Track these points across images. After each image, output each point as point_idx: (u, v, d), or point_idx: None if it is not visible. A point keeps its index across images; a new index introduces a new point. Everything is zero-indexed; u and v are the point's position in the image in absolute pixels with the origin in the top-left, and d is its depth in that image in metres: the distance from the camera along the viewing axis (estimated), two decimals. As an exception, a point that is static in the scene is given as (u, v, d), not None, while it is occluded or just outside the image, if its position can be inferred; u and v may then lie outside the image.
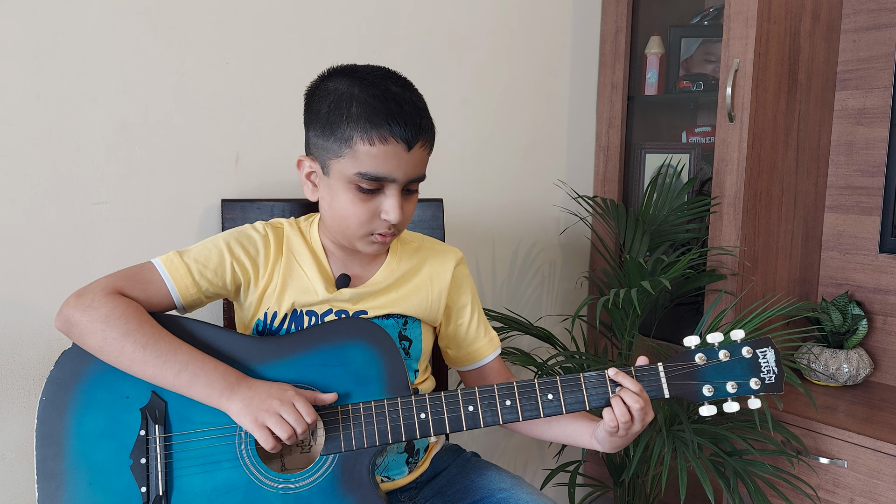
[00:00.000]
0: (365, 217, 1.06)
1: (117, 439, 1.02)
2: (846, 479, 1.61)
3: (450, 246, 1.26)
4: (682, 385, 1.06)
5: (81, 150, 1.29)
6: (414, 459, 1.20)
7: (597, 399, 1.05)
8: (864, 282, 1.95)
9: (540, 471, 2.08)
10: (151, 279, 1.07)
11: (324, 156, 1.06)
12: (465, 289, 1.24)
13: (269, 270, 1.13)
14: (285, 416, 0.98)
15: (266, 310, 1.14)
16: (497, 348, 1.27)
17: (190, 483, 1.02)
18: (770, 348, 1.07)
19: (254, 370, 1.06)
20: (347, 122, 1.02)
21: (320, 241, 1.16)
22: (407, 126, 1.02)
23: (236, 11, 1.43)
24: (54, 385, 1.03)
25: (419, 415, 1.04)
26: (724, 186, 1.76)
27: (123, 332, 1.00)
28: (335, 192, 1.07)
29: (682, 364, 1.07)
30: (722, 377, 1.06)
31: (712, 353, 1.07)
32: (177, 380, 1.00)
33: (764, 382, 1.05)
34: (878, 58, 1.89)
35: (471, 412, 1.05)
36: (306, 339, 1.08)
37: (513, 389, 1.05)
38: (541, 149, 1.98)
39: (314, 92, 1.08)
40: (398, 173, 1.04)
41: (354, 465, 1.04)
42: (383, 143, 1.01)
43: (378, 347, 1.07)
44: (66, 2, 1.25)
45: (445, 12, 1.73)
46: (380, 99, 1.02)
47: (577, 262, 2.12)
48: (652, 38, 2.02)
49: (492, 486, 1.18)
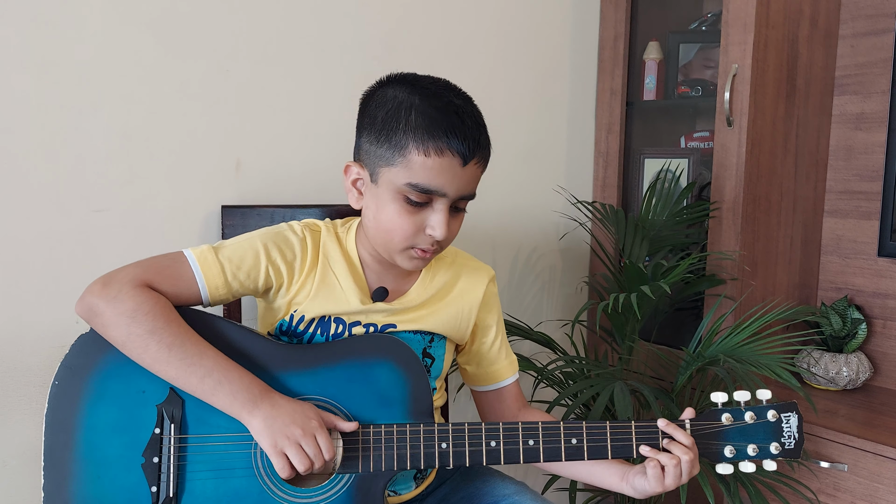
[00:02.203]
0: (410, 230, 1.03)
1: (130, 434, 1.00)
2: (847, 483, 1.61)
3: (482, 263, 1.24)
4: (705, 444, 1.06)
5: (82, 157, 1.30)
6: (422, 475, 1.20)
7: (620, 450, 1.04)
8: (863, 286, 1.95)
9: (541, 476, 2.08)
10: (182, 275, 1.03)
11: (374, 163, 1.03)
12: (493, 308, 1.22)
13: (304, 277, 1.10)
14: (305, 449, 0.96)
15: (294, 312, 1.11)
16: (516, 373, 1.25)
17: (202, 487, 1.00)
18: (795, 413, 1.07)
19: (277, 378, 1.03)
20: (405, 131, 0.99)
21: (356, 251, 1.13)
22: (466, 140, 1.00)
23: (236, 19, 1.44)
24: (68, 371, 1.00)
25: (440, 444, 1.03)
26: (723, 191, 1.76)
27: (149, 329, 0.97)
28: (382, 202, 1.03)
29: (709, 424, 1.06)
30: (744, 440, 1.06)
31: (739, 414, 1.07)
32: (200, 385, 0.98)
33: (784, 448, 1.06)
34: (875, 63, 1.89)
35: (492, 448, 1.03)
36: (333, 352, 1.06)
37: (537, 429, 1.04)
38: (540, 154, 1.98)
39: (371, 97, 1.06)
40: (450, 188, 1.01)
41: (370, 487, 1.02)
42: (439, 155, 0.99)
43: (405, 369, 1.05)
44: (67, 9, 1.26)
45: (444, 19, 1.74)
46: (441, 110, 1.00)
47: (577, 267, 2.12)
48: (650, 43, 2.03)
49: (496, 493, 1.18)
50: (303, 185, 1.54)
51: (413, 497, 1.19)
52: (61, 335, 1.27)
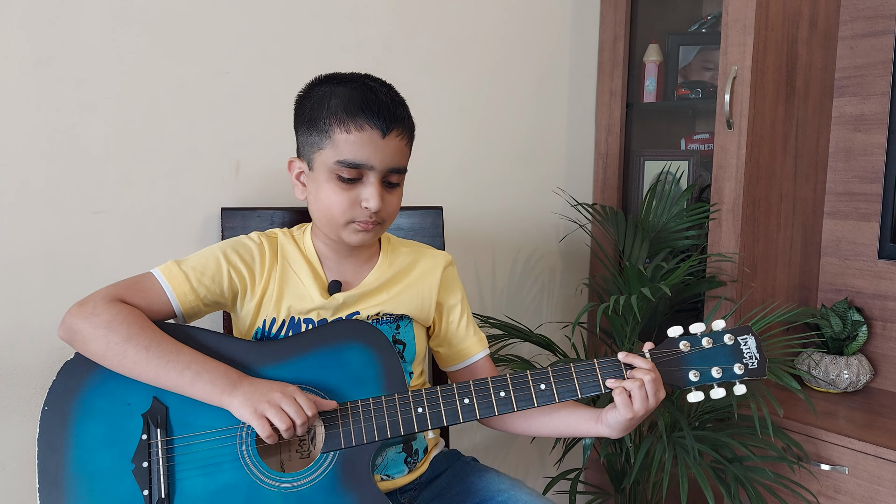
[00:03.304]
0: (346, 204, 1.10)
1: (119, 445, 1.03)
2: (847, 486, 1.61)
3: (441, 251, 1.30)
4: (669, 371, 1.10)
5: (81, 159, 1.30)
6: (413, 459, 1.21)
7: (588, 387, 1.08)
8: (863, 288, 1.95)
9: (541, 478, 2.08)
10: (151, 287, 1.10)
11: (308, 151, 1.12)
12: (454, 289, 1.28)
13: (266, 277, 1.16)
14: (285, 408, 1.00)
15: (264, 317, 1.16)
16: (485, 348, 1.29)
17: (192, 485, 1.03)
18: (751, 335, 1.11)
19: (253, 373, 1.07)
20: (327, 115, 1.08)
21: (314, 248, 1.19)
22: (380, 113, 1.07)
23: (235, 20, 1.44)
24: (56, 395, 1.04)
25: (416, 409, 1.07)
26: (722, 193, 1.76)
27: (126, 336, 1.02)
28: (319, 184, 1.11)
29: (668, 351, 1.11)
30: (706, 363, 1.09)
31: (696, 340, 1.11)
32: (180, 379, 1.02)
33: (747, 368, 1.09)
34: (875, 64, 1.89)
35: (466, 404, 1.08)
36: (303, 342, 1.11)
37: (506, 381, 1.09)
38: (540, 156, 1.98)
39: (302, 99, 1.15)
40: (374, 160, 1.08)
41: (355, 462, 1.05)
42: (359, 130, 1.07)
43: (374, 348, 1.10)
44: (66, 10, 1.26)
45: (444, 20, 1.74)
46: (357, 90, 1.09)
47: (577, 269, 2.12)
48: (650, 45, 2.03)
49: (491, 489, 1.19)
50: (302, 186, 1.54)
51: (407, 485, 1.21)
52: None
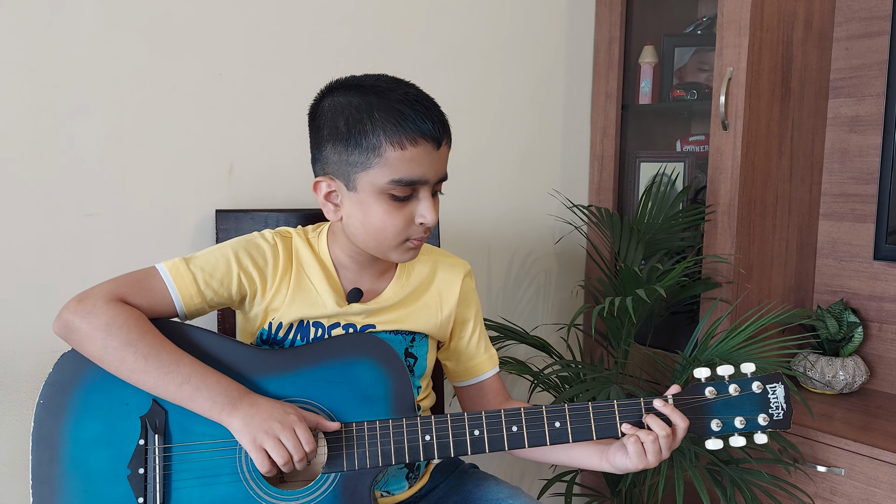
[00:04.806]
0: (402, 225, 1.04)
1: (115, 447, 1.00)
2: (843, 487, 1.61)
3: (459, 258, 1.24)
4: (691, 419, 1.05)
5: (74, 161, 1.29)
6: (414, 475, 1.19)
7: (604, 430, 1.04)
8: (859, 289, 1.95)
9: (537, 481, 2.07)
10: (155, 287, 1.04)
11: (347, 171, 1.03)
12: (470, 303, 1.22)
13: (278, 282, 1.11)
14: (284, 442, 0.96)
15: (272, 320, 1.12)
16: (496, 366, 1.25)
17: (188, 496, 1.00)
18: (780, 384, 1.05)
19: (257, 383, 1.03)
20: (373, 131, 0.99)
21: (329, 254, 1.14)
22: (434, 124, 1.01)
23: (229, 23, 1.43)
24: (52, 388, 1.01)
25: (424, 437, 1.02)
26: (718, 195, 1.76)
27: (125, 341, 0.98)
28: (367, 206, 1.03)
29: (692, 398, 1.05)
30: (731, 412, 1.04)
31: (722, 387, 1.05)
32: (179, 392, 0.98)
33: (772, 419, 1.04)
34: (870, 66, 1.89)
35: (476, 437, 1.03)
36: (312, 354, 1.06)
37: (520, 415, 1.03)
38: (535, 158, 1.98)
39: (320, 110, 1.05)
40: (430, 174, 1.03)
41: (356, 485, 1.02)
42: (414, 144, 1.00)
43: (386, 366, 1.05)
44: (60, 13, 1.25)
45: (439, 22, 1.74)
46: (402, 102, 1.00)
47: (573, 271, 2.12)
48: (645, 47, 2.03)
49: (490, 497, 1.18)
50: (296, 188, 1.53)
51: (407, 498, 1.18)
52: (53, 341, 1.25)
